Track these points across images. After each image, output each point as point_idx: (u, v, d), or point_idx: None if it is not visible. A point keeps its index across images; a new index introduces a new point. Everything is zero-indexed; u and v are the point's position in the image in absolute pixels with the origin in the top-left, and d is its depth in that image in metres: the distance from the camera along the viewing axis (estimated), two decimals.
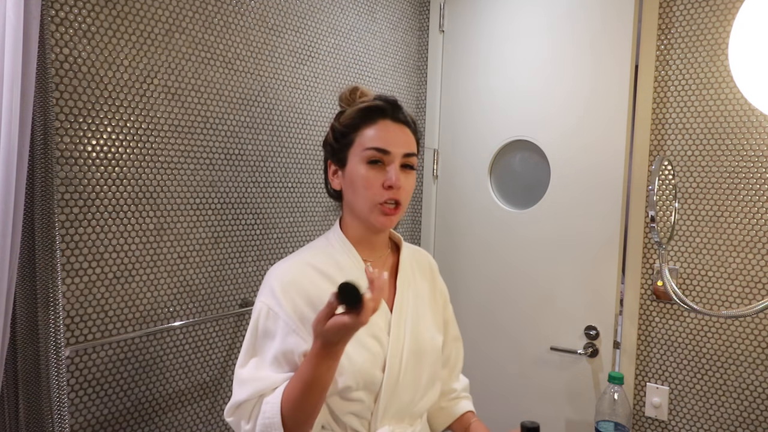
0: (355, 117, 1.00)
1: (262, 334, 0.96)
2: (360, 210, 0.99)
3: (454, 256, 2.14)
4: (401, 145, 0.98)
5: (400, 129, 1.00)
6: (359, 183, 0.97)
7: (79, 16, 1.18)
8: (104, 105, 1.24)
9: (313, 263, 1.01)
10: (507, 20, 2.00)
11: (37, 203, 1.02)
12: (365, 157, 0.97)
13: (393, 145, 0.97)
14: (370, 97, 1.05)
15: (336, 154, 1.03)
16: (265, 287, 0.99)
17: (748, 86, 1.22)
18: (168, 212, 1.38)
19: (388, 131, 0.98)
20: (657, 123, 1.74)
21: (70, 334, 1.20)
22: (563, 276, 1.89)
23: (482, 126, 2.07)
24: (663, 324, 1.74)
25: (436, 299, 1.15)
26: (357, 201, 0.99)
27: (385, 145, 0.97)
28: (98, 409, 1.26)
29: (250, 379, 0.93)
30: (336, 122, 1.04)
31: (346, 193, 1.02)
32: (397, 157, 0.98)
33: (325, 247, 1.05)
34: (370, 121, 0.99)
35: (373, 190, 0.96)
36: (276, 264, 1.03)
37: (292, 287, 0.96)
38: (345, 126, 1.01)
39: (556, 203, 1.90)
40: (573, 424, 1.86)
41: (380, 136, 0.98)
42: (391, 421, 1.00)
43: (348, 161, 1.00)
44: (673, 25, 1.71)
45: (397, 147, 0.98)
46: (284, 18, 1.65)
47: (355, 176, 0.98)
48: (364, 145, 0.97)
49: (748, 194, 1.60)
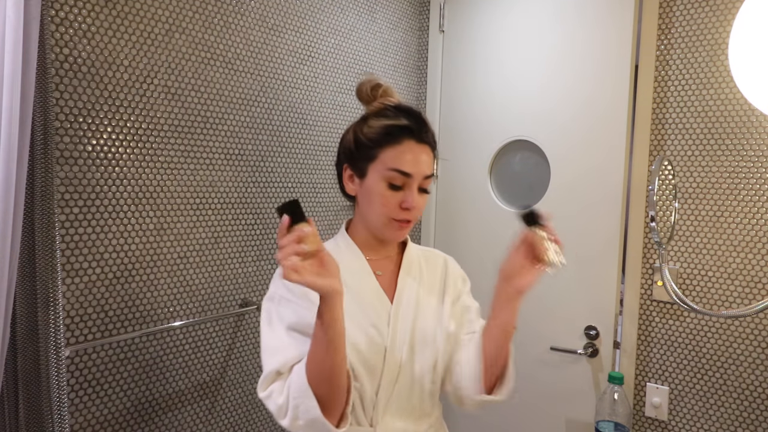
0: (381, 134, 0.99)
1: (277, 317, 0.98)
2: (373, 222, 1.02)
3: (455, 255, 2.12)
4: (422, 168, 0.99)
5: (423, 150, 1.00)
6: (377, 200, 0.99)
7: (79, 16, 1.18)
8: (104, 105, 1.24)
9: None
10: (507, 20, 2.00)
11: (37, 203, 1.02)
12: (387, 177, 0.98)
13: (415, 168, 0.98)
14: (394, 100, 1.04)
15: (355, 163, 1.03)
16: (275, 279, 1.02)
17: (748, 86, 1.22)
18: (168, 212, 1.38)
19: (412, 153, 0.98)
20: (657, 123, 1.74)
21: (70, 334, 1.20)
22: (563, 276, 1.88)
23: (482, 126, 2.07)
24: (663, 324, 1.74)
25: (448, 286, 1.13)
26: (371, 213, 1.01)
27: (408, 169, 0.98)
28: (98, 409, 1.26)
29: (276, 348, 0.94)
30: (360, 131, 1.02)
31: (361, 201, 1.04)
32: (417, 180, 0.99)
33: (333, 248, 1.07)
34: (396, 141, 0.98)
35: (390, 207, 0.99)
36: None
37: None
38: (369, 140, 1.00)
39: (556, 203, 1.90)
40: (573, 424, 1.86)
41: (404, 158, 0.98)
42: (395, 416, 1.00)
43: (368, 174, 1.00)
44: (673, 25, 1.71)
45: (419, 170, 0.99)
46: (284, 18, 1.65)
47: (373, 192, 0.99)
48: (387, 165, 0.98)
49: (748, 194, 1.60)
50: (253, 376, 1.62)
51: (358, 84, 1.07)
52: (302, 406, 0.86)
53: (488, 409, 2.04)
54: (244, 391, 1.60)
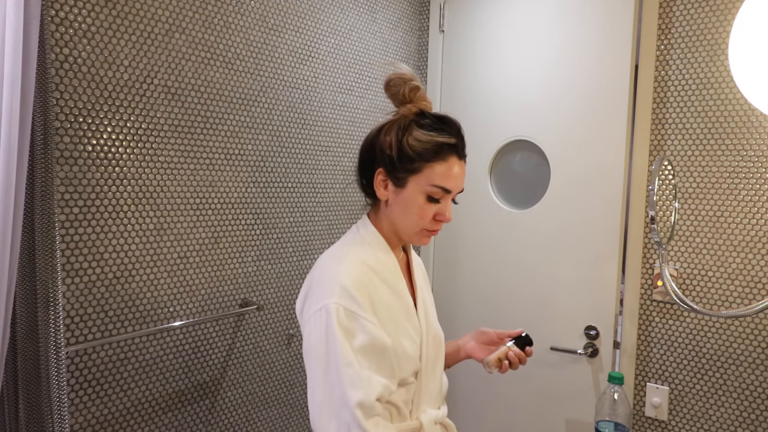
0: (430, 150, 0.98)
1: (343, 334, 0.91)
2: (405, 229, 1.03)
3: (455, 255, 2.14)
4: (461, 184, 1.02)
5: (462, 166, 1.02)
6: (414, 210, 1.00)
7: (79, 16, 1.18)
8: (104, 105, 1.24)
9: (365, 260, 1.00)
10: (507, 20, 2.00)
11: (37, 203, 1.02)
12: (428, 192, 0.99)
13: (457, 185, 1.01)
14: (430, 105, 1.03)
15: (394, 171, 1.00)
16: (333, 287, 0.94)
17: (748, 86, 1.22)
18: (168, 212, 1.38)
19: (455, 170, 1.00)
20: (657, 123, 1.74)
21: (70, 334, 1.20)
22: (563, 276, 1.89)
23: (482, 126, 2.07)
24: (663, 324, 1.74)
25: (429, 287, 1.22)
26: (404, 222, 1.02)
27: (451, 186, 1.00)
28: (98, 409, 1.26)
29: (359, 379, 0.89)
30: (405, 142, 0.98)
31: (394, 208, 1.02)
32: (453, 194, 1.02)
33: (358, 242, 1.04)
34: (442, 159, 0.98)
35: (426, 219, 1.01)
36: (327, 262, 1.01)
37: (362, 285, 0.95)
38: (417, 153, 0.98)
39: (556, 203, 1.90)
40: (573, 424, 1.86)
41: (449, 176, 0.99)
42: (426, 404, 1.06)
43: (407, 185, 0.99)
44: (673, 25, 1.71)
45: (459, 186, 1.02)
46: (284, 18, 1.65)
47: (411, 203, 1.00)
48: (432, 182, 0.98)
49: (748, 194, 1.60)
50: (253, 376, 1.62)
51: (389, 78, 1.02)
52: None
53: (488, 409, 2.04)
54: (244, 391, 1.60)
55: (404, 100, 1.01)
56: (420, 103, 1.02)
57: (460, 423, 2.08)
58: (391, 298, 1.00)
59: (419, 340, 1.04)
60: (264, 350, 1.65)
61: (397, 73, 1.01)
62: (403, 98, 1.01)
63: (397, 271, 1.04)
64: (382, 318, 0.95)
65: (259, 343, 1.63)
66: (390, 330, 0.96)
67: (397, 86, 1.01)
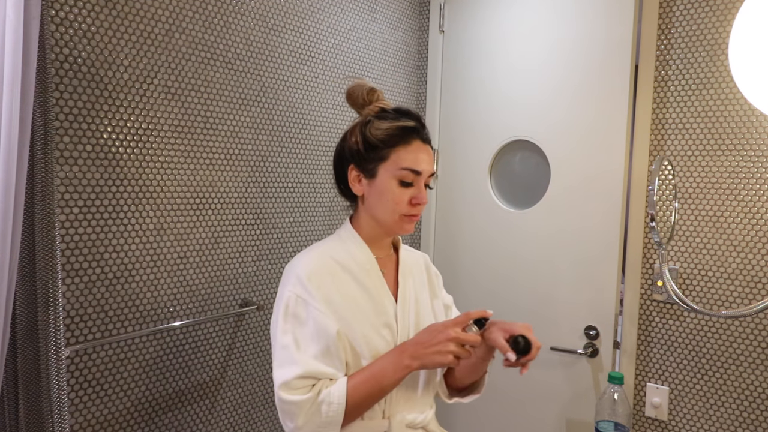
0: (392, 135, 1.04)
1: (293, 319, 1.00)
2: (384, 219, 1.06)
3: (455, 255, 2.14)
4: (430, 166, 1.06)
5: (427, 150, 1.07)
6: (389, 197, 1.04)
7: (79, 16, 1.18)
8: (104, 105, 1.24)
9: (332, 255, 1.07)
10: (507, 20, 2.00)
11: (37, 203, 1.02)
12: (399, 176, 1.03)
13: (425, 166, 1.05)
14: (389, 103, 1.10)
15: (363, 164, 1.06)
16: (290, 277, 1.03)
17: (748, 86, 1.22)
18: (168, 212, 1.38)
19: (421, 152, 1.05)
20: (657, 123, 1.74)
21: (70, 334, 1.20)
22: (563, 276, 1.89)
23: (482, 126, 2.07)
24: (663, 324, 1.74)
25: (432, 284, 1.22)
26: (382, 211, 1.06)
27: (420, 167, 1.04)
28: (98, 409, 1.26)
29: (295, 360, 0.97)
30: (368, 133, 1.05)
31: (370, 200, 1.07)
32: (424, 177, 1.06)
33: (338, 245, 1.10)
34: (406, 142, 1.04)
35: (402, 205, 1.04)
36: (296, 257, 1.08)
37: (317, 276, 1.02)
38: (380, 141, 1.04)
39: (556, 203, 1.90)
40: (573, 424, 1.86)
41: (415, 157, 1.04)
42: (404, 408, 1.06)
43: (378, 174, 1.05)
44: (673, 25, 1.71)
45: (428, 168, 1.05)
46: (284, 18, 1.65)
47: (385, 191, 1.04)
48: (400, 165, 1.03)
49: (748, 194, 1.60)
50: (253, 376, 1.62)
51: (349, 88, 1.10)
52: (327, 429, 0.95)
53: (488, 409, 2.04)
54: (244, 391, 1.60)
55: (364, 103, 1.09)
56: (380, 103, 1.09)
57: (459, 423, 2.08)
58: (358, 292, 1.04)
59: (395, 337, 1.05)
60: (264, 350, 1.65)
61: (355, 83, 1.10)
62: (363, 101, 1.09)
63: (373, 267, 1.08)
64: (339, 308, 1.00)
65: (259, 343, 1.64)
66: (349, 320, 1.01)
67: (356, 93, 1.09)
